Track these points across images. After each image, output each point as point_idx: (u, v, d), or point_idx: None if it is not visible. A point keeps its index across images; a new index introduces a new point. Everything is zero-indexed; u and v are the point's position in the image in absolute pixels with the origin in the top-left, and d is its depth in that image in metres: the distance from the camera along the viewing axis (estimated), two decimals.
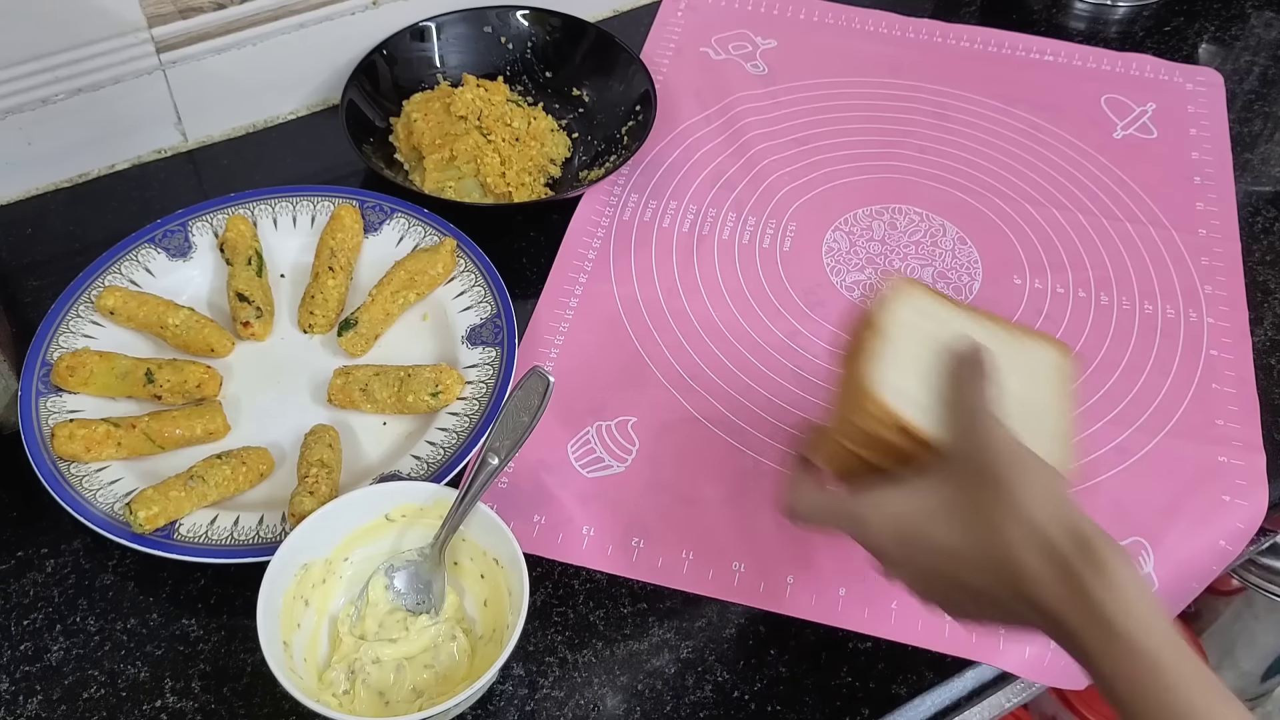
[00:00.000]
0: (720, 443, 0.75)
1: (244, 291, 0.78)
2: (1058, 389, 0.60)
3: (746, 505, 0.72)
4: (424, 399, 0.73)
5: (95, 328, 0.76)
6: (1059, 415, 0.59)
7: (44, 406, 0.71)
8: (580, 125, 0.96)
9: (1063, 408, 0.59)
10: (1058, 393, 0.60)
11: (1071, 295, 0.85)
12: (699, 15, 1.06)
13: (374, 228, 0.83)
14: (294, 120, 0.96)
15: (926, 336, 0.59)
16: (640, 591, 0.69)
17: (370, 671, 0.61)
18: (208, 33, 0.88)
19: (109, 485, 0.68)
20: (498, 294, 0.79)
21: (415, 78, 0.95)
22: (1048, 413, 0.59)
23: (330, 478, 0.68)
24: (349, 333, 0.77)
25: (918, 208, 0.91)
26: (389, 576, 0.64)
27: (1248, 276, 0.87)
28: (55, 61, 0.83)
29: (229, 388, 0.76)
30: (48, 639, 0.65)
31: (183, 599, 0.67)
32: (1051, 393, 0.60)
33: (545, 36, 0.98)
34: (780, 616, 0.68)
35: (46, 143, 0.87)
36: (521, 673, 0.65)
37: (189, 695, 0.63)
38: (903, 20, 1.07)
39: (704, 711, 0.64)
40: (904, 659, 0.66)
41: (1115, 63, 1.04)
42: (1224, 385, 0.80)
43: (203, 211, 0.82)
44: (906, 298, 0.61)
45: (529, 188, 0.88)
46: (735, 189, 0.92)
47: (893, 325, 0.59)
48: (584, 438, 0.75)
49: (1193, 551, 0.72)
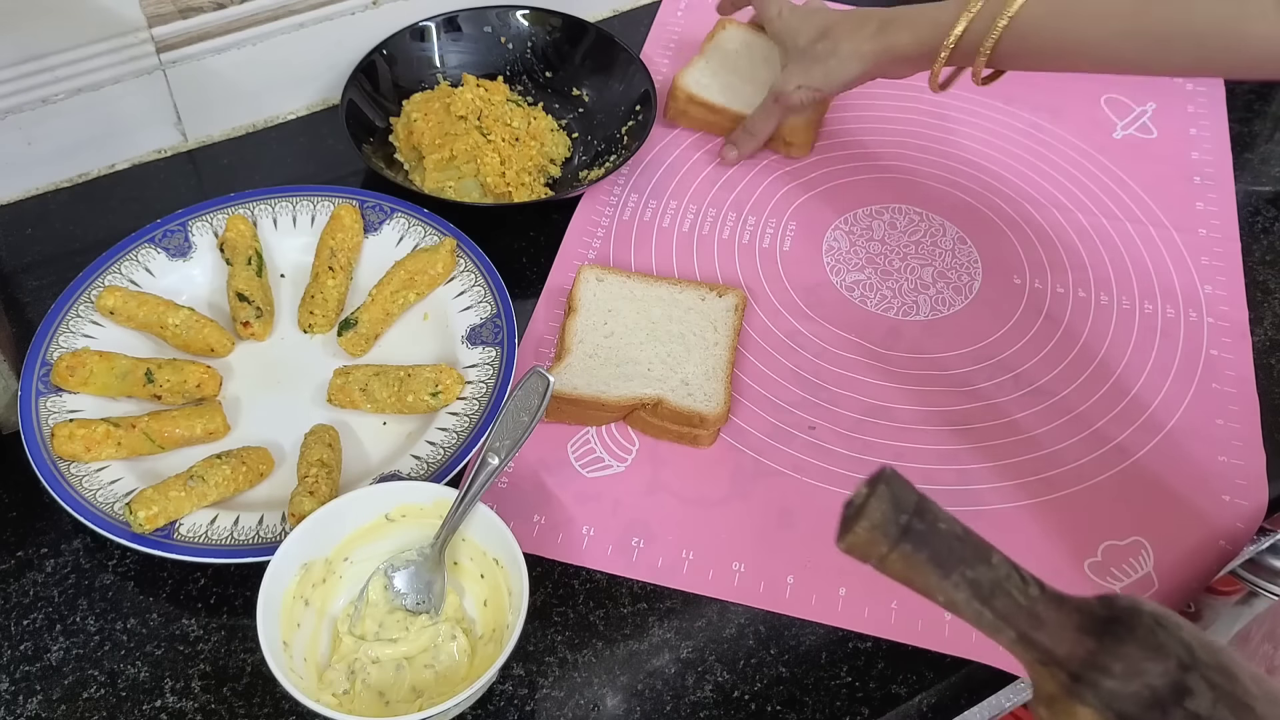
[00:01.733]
0: (720, 442, 0.75)
1: (244, 291, 0.78)
2: (731, 331, 0.79)
3: (746, 505, 0.72)
4: (424, 399, 0.73)
5: (95, 328, 0.76)
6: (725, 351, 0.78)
7: (44, 406, 0.71)
8: (580, 125, 0.96)
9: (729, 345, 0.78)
10: (729, 333, 0.79)
11: (1071, 295, 0.85)
12: (699, 15, 1.06)
13: (374, 228, 0.83)
14: (294, 120, 0.96)
15: None
16: (640, 591, 0.69)
17: (370, 671, 0.61)
18: (208, 33, 0.88)
19: (109, 485, 0.68)
20: (498, 294, 0.79)
21: (415, 78, 0.95)
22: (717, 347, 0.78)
23: (330, 478, 0.68)
24: (349, 333, 0.77)
25: (918, 208, 0.91)
26: (389, 576, 0.64)
27: (1248, 276, 0.87)
28: (55, 61, 0.83)
29: (229, 388, 0.76)
30: (48, 639, 0.65)
31: (183, 599, 0.67)
32: (723, 332, 0.79)
33: (545, 36, 0.98)
34: (780, 616, 0.68)
35: (46, 143, 0.87)
36: (521, 673, 0.65)
37: (189, 695, 0.63)
38: None
39: (704, 711, 0.64)
40: (904, 659, 0.66)
41: None
42: (1224, 385, 0.80)
43: (203, 211, 0.82)
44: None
45: (529, 188, 0.88)
46: (735, 189, 0.92)
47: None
48: (584, 438, 0.75)
49: (1193, 551, 0.72)
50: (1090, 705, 0.41)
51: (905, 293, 0.85)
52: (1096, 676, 0.41)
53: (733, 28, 1.01)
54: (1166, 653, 0.41)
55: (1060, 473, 0.75)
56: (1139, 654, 0.41)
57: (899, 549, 0.42)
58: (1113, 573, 0.70)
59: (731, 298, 0.81)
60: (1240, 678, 0.41)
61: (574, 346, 0.77)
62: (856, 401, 0.78)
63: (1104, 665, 0.41)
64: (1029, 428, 0.77)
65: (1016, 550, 0.73)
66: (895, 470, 0.43)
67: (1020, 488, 0.74)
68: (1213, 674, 0.41)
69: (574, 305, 0.79)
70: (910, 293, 0.85)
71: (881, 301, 0.84)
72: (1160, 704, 0.40)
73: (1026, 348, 0.82)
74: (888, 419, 0.77)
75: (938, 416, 0.77)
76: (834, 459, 0.75)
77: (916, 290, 0.85)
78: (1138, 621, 0.42)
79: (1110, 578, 0.70)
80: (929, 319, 0.84)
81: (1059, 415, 0.78)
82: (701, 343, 0.78)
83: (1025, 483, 0.74)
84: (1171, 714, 0.40)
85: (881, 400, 0.78)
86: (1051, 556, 0.71)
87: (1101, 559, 0.71)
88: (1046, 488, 0.74)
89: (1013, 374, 0.80)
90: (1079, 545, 0.71)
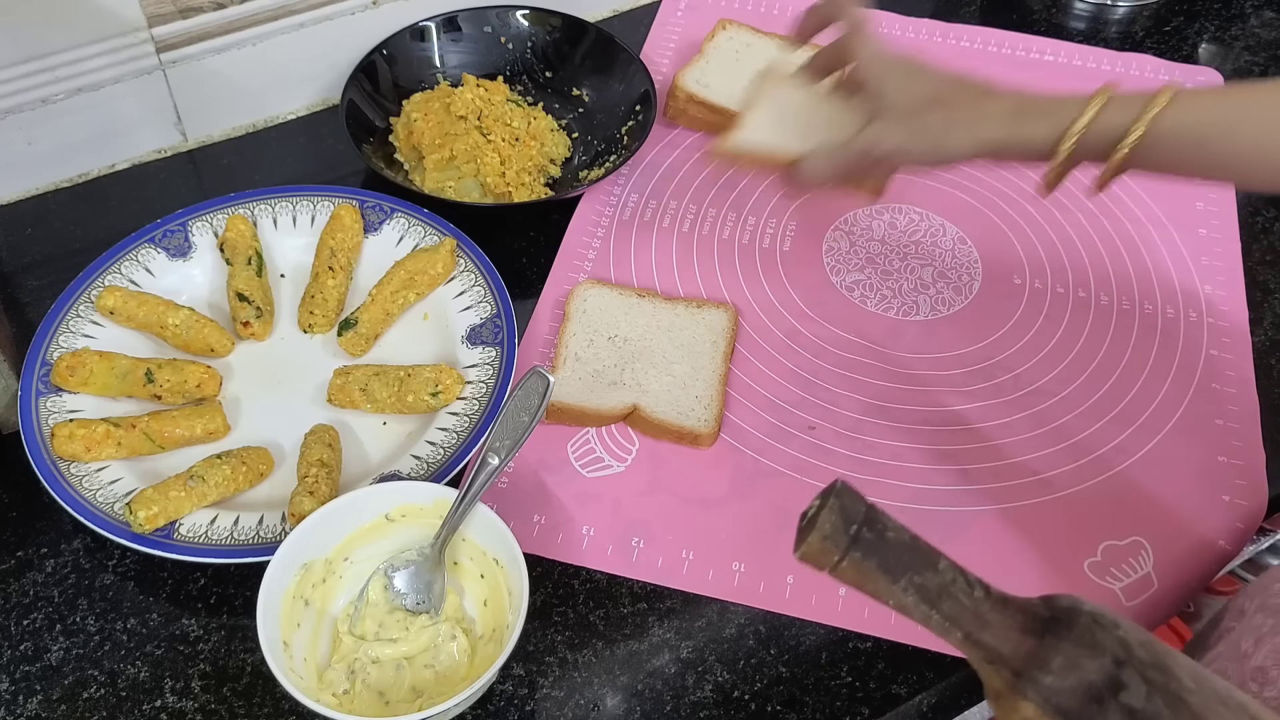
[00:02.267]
0: (720, 442, 0.75)
1: (244, 291, 0.78)
2: (724, 346, 0.79)
3: (746, 505, 0.72)
4: (424, 399, 0.73)
5: (95, 328, 0.76)
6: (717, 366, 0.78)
7: (44, 406, 0.71)
8: (580, 125, 0.96)
9: (723, 360, 0.78)
10: (722, 349, 0.79)
11: (1071, 295, 0.85)
12: (699, 15, 1.06)
13: (374, 228, 0.83)
14: (294, 120, 0.96)
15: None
16: (640, 591, 0.69)
17: (370, 671, 0.61)
18: (208, 33, 0.88)
19: (109, 485, 0.68)
20: (498, 294, 0.79)
21: (415, 78, 0.95)
22: (710, 363, 0.78)
23: (330, 478, 0.68)
24: (349, 333, 0.77)
25: (918, 208, 0.91)
26: (389, 576, 0.64)
27: (1248, 276, 0.87)
28: (55, 61, 0.83)
29: (229, 388, 0.76)
30: (48, 639, 0.65)
31: (183, 599, 0.67)
32: (717, 348, 0.79)
33: (545, 36, 0.98)
34: (780, 616, 0.68)
35: (46, 143, 0.87)
36: (521, 673, 0.65)
37: (189, 695, 0.63)
38: (903, 20, 1.07)
39: (704, 711, 0.64)
40: (904, 659, 0.66)
41: (1115, 63, 1.04)
42: (1224, 385, 0.80)
43: (203, 211, 0.82)
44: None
45: (529, 188, 0.88)
46: (735, 189, 0.92)
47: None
48: (584, 438, 0.75)
49: (1192, 551, 0.72)
50: (1031, 700, 0.43)
51: (905, 293, 0.85)
52: (1037, 673, 0.43)
53: (733, 28, 1.01)
54: (1102, 649, 0.43)
55: (1060, 473, 0.75)
56: (1076, 651, 0.43)
57: (849, 557, 0.45)
58: (1112, 573, 0.70)
59: (724, 313, 0.81)
60: (1176, 673, 0.43)
61: (566, 359, 0.77)
62: (856, 401, 0.78)
63: (1044, 662, 0.43)
64: (1029, 428, 0.77)
65: (1016, 550, 0.73)
66: (846, 483, 0.46)
67: (1020, 487, 0.74)
68: (1148, 670, 0.43)
69: (567, 316, 0.80)
70: (910, 293, 0.85)
71: (881, 301, 0.84)
72: (1096, 697, 0.42)
73: (1026, 348, 0.82)
74: (888, 419, 0.77)
75: (937, 416, 0.77)
76: (834, 459, 0.75)
77: (916, 290, 0.85)
78: (1076, 620, 0.44)
79: (1110, 578, 0.70)
80: (929, 319, 0.84)
81: (1059, 415, 0.78)
82: (691, 356, 0.78)
83: (1025, 483, 0.74)
84: (1108, 706, 0.42)
85: (881, 400, 0.78)
86: (1051, 556, 0.71)
87: (1101, 559, 0.71)
88: (1046, 488, 0.74)
89: (1013, 374, 0.80)
90: (1079, 545, 0.71)
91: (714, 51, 0.99)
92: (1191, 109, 0.63)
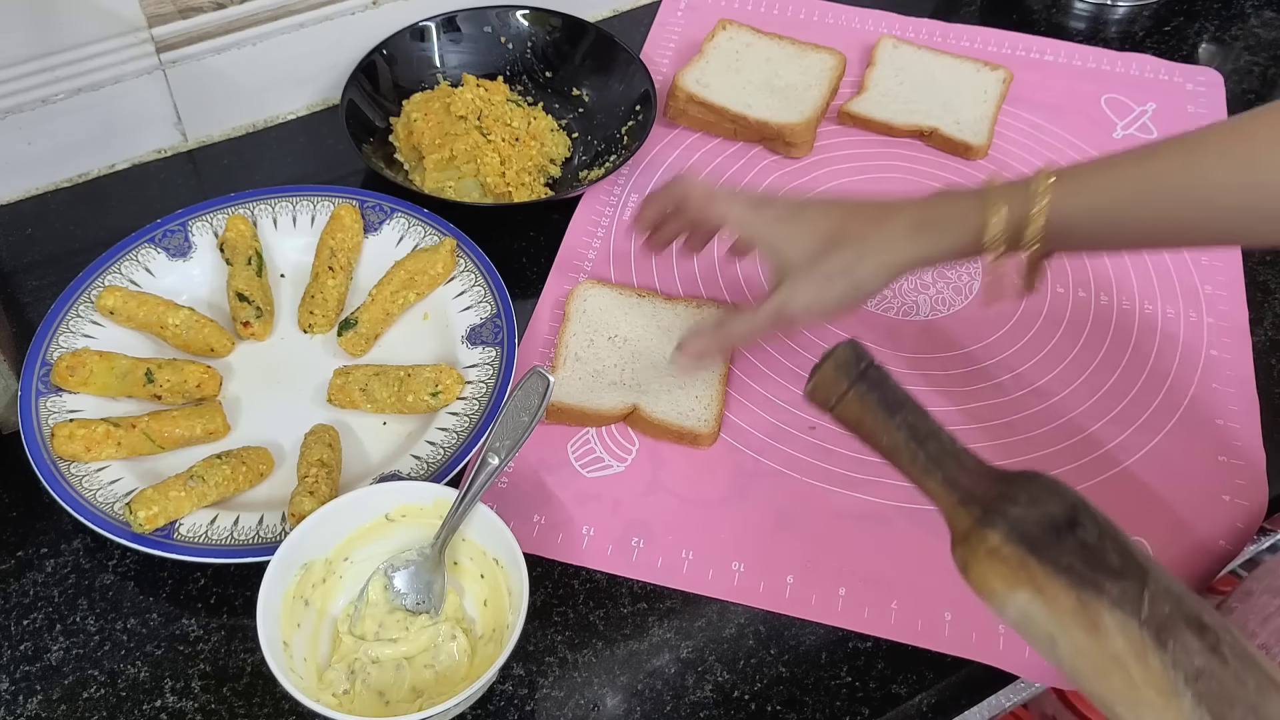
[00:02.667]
0: (720, 442, 0.75)
1: (244, 291, 0.78)
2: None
3: (746, 505, 0.72)
4: (424, 399, 0.73)
5: (95, 328, 0.76)
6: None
7: (44, 406, 0.71)
8: (580, 125, 0.96)
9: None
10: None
11: (1071, 295, 0.85)
12: (699, 15, 1.06)
13: (374, 228, 0.83)
14: (294, 120, 0.96)
15: None
16: (640, 591, 0.69)
17: (370, 671, 0.61)
18: (208, 33, 0.88)
19: (109, 485, 0.68)
20: (498, 294, 0.79)
21: (415, 78, 0.95)
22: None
23: (330, 478, 0.68)
24: (349, 333, 0.77)
25: None
26: (389, 576, 0.64)
27: (1248, 276, 0.87)
28: (55, 61, 0.83)
29: (229, 388, 0.76)
30: (48, 639, 0.65)
31: (183, 599, 0.67)
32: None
33: (545, 36, 0.98)
34: (780, 616, 0.68)
35: (46, 143, 0.87)
36: (521, 673, 0.65)
37: (189, 695, 0.63)
38: (903, 20, 1.07)
39: (704, 711, 0.64)
40: (904, 659, 0.66)
41: (1115, 63, 1.04)
42: (1224, 385, 0.80)
43: (203, 211, 0.82)
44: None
45: (529, 188, 0.88)
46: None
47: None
48: (584, 438, 0.75)
49: (1193, 551, 0.72)
50: (999, 529, 0.49)
51: (905, 293, 0.85)
52: (1005, 506, 0.49)
53: (733, 28, 1.01)
54: (1063, 497, 0.50)
55: (1060, 473, 0.74)
56: (1040, 493, 0.50)
57: (856, 388, 0.53)
58: None
59: (723, 313, 0.80)
60: (1118, 531, 0.50)
61: (566, 359, 0.77)
62: None
63: (1012, 498, 0.50)
64: (1029, 428, 0.77)
65: None
66: (858, 340, 0.54)
67: None
68: (1098, 518, 0.50)
69: (567, 316, 0.80)
70: (910, 293, 0.85)
71: (881, 301, 0.84)
72: (1056, 528, 0.48)
73: (1026, 348, 0.82)
74: None
75: (937, 417, 0.77)
76: (834, 459, 0.75)
77: (916, 290, 0.85)
78: (1038, 476, 0.51)
79: None
80: (929, 319, 0.84)
81: (1059, 415, 0.78)
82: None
83: None
84: (1065, 538, 0.48)
85: None
86: None
87: None
88: None
89: (1013, 374, 0.80)
90: None
91: (714, 51, 0.99)
92: (1081, 191, 0.61)
